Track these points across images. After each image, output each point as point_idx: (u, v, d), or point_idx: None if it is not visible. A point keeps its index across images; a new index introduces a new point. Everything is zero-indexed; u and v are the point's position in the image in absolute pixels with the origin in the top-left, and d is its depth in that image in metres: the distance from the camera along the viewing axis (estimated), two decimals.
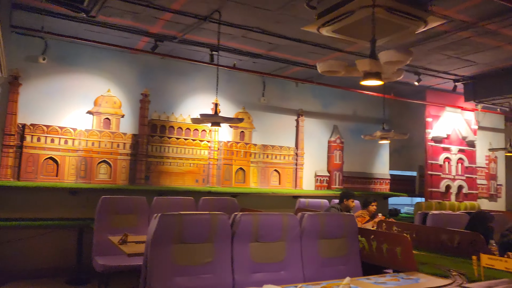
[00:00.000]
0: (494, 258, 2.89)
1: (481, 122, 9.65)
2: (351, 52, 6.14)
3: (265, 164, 7.53)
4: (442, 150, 8.52)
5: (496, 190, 10.10)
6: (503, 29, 5.27)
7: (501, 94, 7.46)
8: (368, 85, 3.20)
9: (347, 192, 5.94)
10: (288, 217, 3.33)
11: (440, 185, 8.40)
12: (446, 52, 6.19)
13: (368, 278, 2.90)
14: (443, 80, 7.70)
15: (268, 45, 6.08)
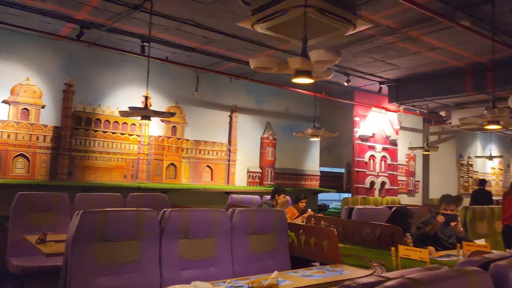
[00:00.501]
0: (410, 249, 3.09)
1: (403, 123, 10.31)
2: (284, 50, 6.24)
3: (198, 159, 7.44)
4: (368, 148, 8.98)
5: (414, 186, 10.86)
6: (423, 36, 5.64)
7: (420, 97, 8.02)
8: (299, 82, 3.26)
9: (279, 188, 6.04)
10: (218, 213, 3.30)
11: (366, 181, 8.86)
12: (372, 55, 6.52)
13: (295, 271, 2.96)
14: (370, 82, 8.11)
15: (202, 39, 5.99)
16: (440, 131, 11.84)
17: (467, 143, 12.58)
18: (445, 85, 7.48)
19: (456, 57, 6.49)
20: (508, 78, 6.50)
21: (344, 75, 7.42)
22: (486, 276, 1.39)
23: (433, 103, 8.65)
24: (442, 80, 7.49)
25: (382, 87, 8.16)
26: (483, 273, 1.40)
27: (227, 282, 2.58)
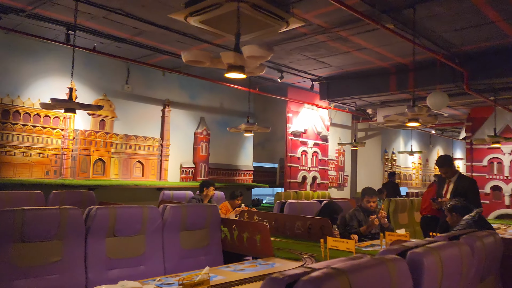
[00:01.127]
0: (338, 240, 3.21)
1: (333, 119, 10.71)
2: (219, 45, 6.20)
3: (128, 155, 7.17)
4: (300, 143, 9.21)
5: (343, 180, 11.35)
6: (352, 37, 5.88)
7: (349, 95, 8.37)
8: (232, 77, 3.25)
9: (206, 181, 5.96)
10: (149, 209, 3.21)
11: (298, 176, 9.09)
12: (305, 53, 6.68)
13: (228, 266, 2.96)
14: (302, 79, 8.31)
15: (132, 29, 5.76)
16: (367, 128, 12.47)
17: (391, 139, 13.39)
18: (372, 84, 7.88)
19: (381, 57, 6.86)
20: (427, 79, 6.99)
21: (277, 71, 7.54)
22: (403, 263, 1.47)
23: (361, 101, 9.07)
24: (369, 79, 7.88)
25: (314, 85, 8.40)
26: (401, 260, 1.48)
27: (157, 280, 2.51)
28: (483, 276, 2.15)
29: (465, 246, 1.94)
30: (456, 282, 1.79)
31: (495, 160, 9.10)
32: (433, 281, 1.60)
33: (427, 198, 5.75)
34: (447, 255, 1.74)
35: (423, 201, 6.29)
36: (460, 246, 1.89)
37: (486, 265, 2.14)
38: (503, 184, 8.88)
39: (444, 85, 6.97)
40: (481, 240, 2.11)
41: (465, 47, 6.22)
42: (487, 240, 2.20)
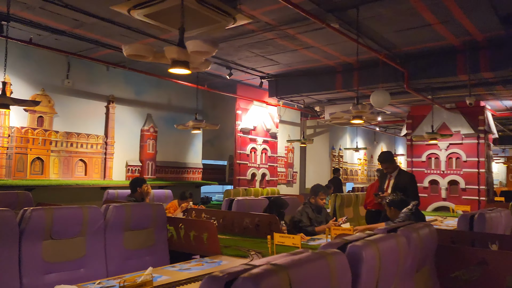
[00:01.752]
0: (284, 236, 3.24)
1: (282, 117, 10.84)
2: (165, 40, 6.05)
3: (69, 153, 6.84)
4: (249, 141, 9.24)
5: (292, 177, 11.53)
6: (299, 35, 5.96)
7: (297, 92, 8.51)
8: (176, 73, 3.18)
9: (138, 179, 5.65)
10: (89, 210, 3.07)
11: (247, 173, 9.12)
12: (253, 50, 6.69)
13: (173, 265, 2.91)
14: (251, 76, 8.33)
15: (73, 21, 5.48)
16: (316, 125, 12.75)
17: (338, 136, 13.77)
18: (319, 82, 8.05)
19: (328, 56, 7.02)
20: (371, 78, 7.25)
21: (226, 68, 7.50)
22: (343, 256, 1.50)
23: (309, 98, 9.24)
24: (316, 77, 8.04)
25: (263, 82, 8.45)
26: (340, 254, 1.51)
27: (97, 283, 2.41)
28: (419, 266, 2.24)
29: (402, 237, 2.01)
30: (393, 272, 1.85)
31: (432, 156, 9.62)
32: (372, 272, 1.64)
33: (371, 192, 5.96)
34: (385, 247, 1.79)
35: (367, 195, 6.51)
36: (397, 238, 1.95)
37: (422, 256, 2.23)
38: (440, 178, 9.42)
39: (386, 84, 7.26)
40: (417, 232, 2.20)
41: (406, 47, 6.51)
42: (423, 232, 2.30)
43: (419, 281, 2.26)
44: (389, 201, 4.27)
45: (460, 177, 9.16)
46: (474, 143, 9.09)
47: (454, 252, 2.57)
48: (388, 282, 1.82)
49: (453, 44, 6.28)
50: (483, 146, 9.01)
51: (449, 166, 9.37)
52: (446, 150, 9.41)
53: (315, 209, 4.75)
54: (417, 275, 2.24)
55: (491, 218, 3.53)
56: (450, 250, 2.63)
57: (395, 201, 4.24)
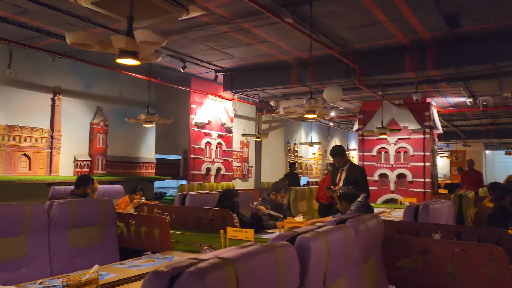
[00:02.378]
0: (237, 230, 3.23)
1: (238, 111, 10.82)
2: (116, 30, 5.84)
3: (11, 147, 6.45)
4: (204, 135, 9.14)
5: (247, 171, 11.56)
6: (254, 29, 5.95)
7: (252, 86, 8.50)
8: (124, 63, 3.07)
9: (86, 177, 5.44)
10: (32, 206, 2.92)
11: (202, 167, 9.03)
12: (208, 43, 6.61)
13: (122, 262, 2.83)
14: (206, 70, 8.23)
15: (14, 7, 5.15)
16: (271, 120, 12.84)
17: (294, 131, 13.95)
18: (274, 76, 8.09)
19: (283, 51, 7.06)
20: (324, 74, 7.38)
21: (180, 61, 7.37)
22: (291, 248, 1.50)
23: (264, 93, 9.27)
24: (271, 72, 8.08)
25: (217, 76, 8.38)
26: (289, 246, 1.51)
27: (39, 282, 2.29)
28: (367, 256, 2.31)
29: (351, 229, 2.06)
30: (341, 263, 1.89)
31: (382, 150, 9.97)
32: (320, 263, 1.66)
33: (323, 186, 6.08)
34: (333, 238, 1.82)
35: (319, 189, 6.65)
36: (346, 229, 1.99)
37: (369, 246, 2.30)
38: (389, 171, 9.78)
39: (339, 79, 7.42)
40: (365, 223, 2.26)
41: (358, 44, 6.67)
42: (371, 223, 2.37)
43: (367, 271, 2.33)
44: (339, 195, 4.36)
45: (407, 171, 9.57)
46: (420, 138, 9.51)
47: (400, 242, 2.67)
48: (336, 272, 1.86)
49: (402, 42, 6.50)
50: (428, 141, 9.45)
51: (397, 160, 9.76)
52: (395, 145, 9.79)
53: (273, 206, 4.77)
54: (365, 264, 2.30)
55: (435, 209, 3.70)
56: (396, 240, 2.72)
57: (346, 194, 4.34)
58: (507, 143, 20.10)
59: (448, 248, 2.49)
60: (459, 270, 2.44)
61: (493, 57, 6.23)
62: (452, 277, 2.46)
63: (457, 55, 6.40)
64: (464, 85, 7.89)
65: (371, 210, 4.32)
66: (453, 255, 2.47)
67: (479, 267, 2.39)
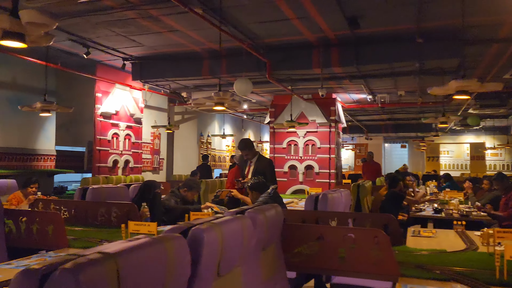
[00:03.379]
0: (140, 224, 3.13)
1: (149, 102, 10.47)
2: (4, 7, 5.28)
3: None
4: (111, 126, 8.71)
5: (159, 164, 11.27)
6: (163, 17, 5.77)
7: (163, 77, 8.27)
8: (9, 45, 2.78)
9: None
10: None
11: (108, 160, 8.60)
12: (113, 28, 6.27)
13: (9, 263, 2.62)
14: (113, 57, 7.83)
15: None
16: (184, 111, 12.64)
17: (207, 123, 13.89)
18: (185, 67, 7.95)
19: (194, 42, 6.95)
20: (236, 66, 7.44)
21: (83, 46, 6.90)
22: (182, 240, 1.49)
23: (175, 83, 9.08)
24: (182, 62, 7.93)
25: (125, 64, 8.01)
26: (180, 238, 1.49)
27: None
28: (265, 244, 2.38)
29: (248, 219, 2.10)
30: (237, 252, 1.92)
31: (292, 143, 10.36)
32: (213, 254, 1.67)
33: (231, 178, 6.15)
34: (229, 229, 1.84)
35: (227, 181, 6.72)
36: (242, 220, 2.03)
37: (268, 235, 2.37)
38: (298, 163, 10.20)
39: (250, 72, 7.53)
40: (263, 213, 2.32)
41: (268, 39, 6.81)
42: (269, 213, 2.44)
43: (266, 258, 2.40)
44: (250, 185, 4.44)
45: (315, 162, 10.06)
46: (326, 131, 10.04)
47: (298, 230, 2.79)
48: (232, 261, 1.88)
49: (309, 40, 6.78)
50: (334, 134, 10.02)
51: (306, 152, 10.21)
52: (304, 138, 10.22)
53: (181, 201, 4.70)
54: (264, 253, 2.37)
55: (333, 198, 3.93)
56: (294, 228, 2.84)
57: (256, 185, 4.42)
58: (403, 137, 22.12)
59: (340, 234, 2.66)
60: (349, 253, 2.63)
61: (389, 58, 6.77)
62: (343, 260, 2.64)
63: (358, 54, 6.85)
64: (364, 82, 8.48)
65: (281, 201, 4.46)
66: (344, 240, 2.65)
67: (366, 249, 2.59)
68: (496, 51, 6.85)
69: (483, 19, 5.62)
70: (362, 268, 2.59)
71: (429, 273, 2.52)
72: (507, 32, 6.02)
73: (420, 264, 2.71)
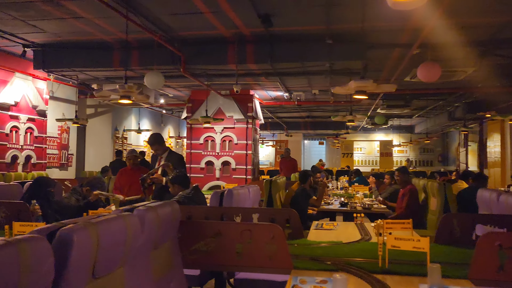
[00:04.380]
0: (25, 225, 2.88)
1: (56, 93, 9.75)
2: None
3: None
4: (9, 118, 7.96)
5: (67, 160, 10.56)
6: (65, 2, 5.37)
7: (70, 67, 7.72)
8: None
9: None
10: None
11: (6, 155, 7.85)
12: (9, 11, 5.72)
13: None
14: (11, 43, 7.15)
15: None
16: (97, 104, 11.98)
17: (123, 117, 13.31)
18: (95, 57, 7.50)
19: (103, 31, 6.58)
20: (149, 59, 7.17)
21: None
22: (43, 242, 1.37)
23: (84, 74, 8.55)
24: (91, 52, 7.47)
25: (26, 51, 7.35)
26: (40, 239, 1.37)
27: None
28: (157, 243, 2.29)
29: (134, 218, 2.00)
30: (119, 252, 1.81)
31: (209, 138, 10.30)
32: (84, 255, 1.55)
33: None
34: (108, 228, 1.74)
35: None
36: (127, 218, 1.92)
37: (160, 234, 2.28)
38: (215, 159, 10.17)
39: (165, 66, 7.32)
40: (154, 211, 2.23)
41: (182, 32, 6.65)
42: (162, 210, 2.36)
43: (159, 257, 2.31)
44: (172, 178, 4.34)
45: (231, 158, 10.09)
46: (244, 128, 10.12)
47: (196, 227, 2.74)
48: (111, 263, 1.78)
49: (224, 35, 6.74)
50: (251, 130, 10.13)
51: (223, 148, 10.20)
52: (221, 134, 10.21)
53: (83, 199, 4.42)
54: (156, 252, 2.29)
55: (239, 194, 3.94)
56: (191, 225, 2.79)
57: (178, 177, 4.33)
58: (321, 134, 23.12)
59: (238, 230, 2.66)
60: (246, 248, 2.64)
61: (301, 57, 6.97)
62: (240, 256, 2.64)
63: (272, 52, 6.96)
64: (280, 80, 8.68)
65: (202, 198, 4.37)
66: (242, 236, 2.65)
67: (263, 244, 2.62)
68: (398, 55, 7.36)
69: (385, 25, 6.00)
70: (257, 262, 2.61)
71: (321, 265, 2.61)
72: (407, 38, 6.49)
73: (315, 256, 2.80)
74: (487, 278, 2.38)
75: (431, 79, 4.91)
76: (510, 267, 2.37)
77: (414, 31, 6.02)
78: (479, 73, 8.13)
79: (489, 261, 2.39)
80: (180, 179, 4.34)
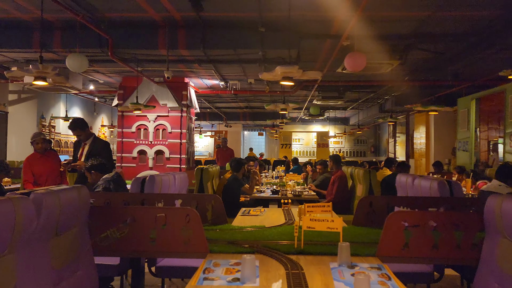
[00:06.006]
0: None
1: None
2: None
3: None
4: None
5: None
6: None
7: None
8: None
9: None
10: None
11: None
12: None
13: None
14: None
15: None
16: (21, 90, 11.16)
17: (50, 104, 12.54)
18: (11, 37, 6.92)
19: (19, 8, 6.07)
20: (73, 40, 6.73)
21: None
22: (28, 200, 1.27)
23: (2, 56, 7.89)
24: (7, 32, 6.88)
25: None
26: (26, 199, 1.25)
27: None
28: (60, 229, 2.14)
29: (28, 201, 1.84)
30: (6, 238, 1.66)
31: (142, 127, 9.97)
32: None
33: None
34: None
35: None
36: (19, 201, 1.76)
37: (62, 219, 2.14)
38: (148, 148, 9.87)
39: (91, 49, 6.94)
40: (56, 195, 2.08)
41: (109, 13, 6.32)
42: (68, 195, 2.21)
43: (62, 245, 2.17)
44: (89, 166, 4.29)
45: (165, 147, 9.85)
46: (178, 116, 9.90)
47: (108, 213, 2.61)
48: None
49: (154, 18, 6.49)
50: (185, 119, 9.94)
51: (156, 137, 9.92)
52: (154, 122, 9.92)
53: None
54: (58, 238, 2.14)
55: (162, 181, 3.82)
56: (103, 210, 2.65)
57: (96, 165, 4.29)
58: (260, 125, 23.29)
59: (152, 215, 2.57)
60: (160, 234, 2.55)
61: (234, 44, 6.89)
62: (153, 242, 2.55)
63: (205, 38, 6.82)
64: (214, 68, 8.56)
65: (124, 186, 4.22)
66: (156, 221, 2.56)
67: (178, 229, 2.55)
68: (330, 46, 7.53)
69: (314, 14, 6.08)
70: (172, 247, 2.54)
71: (238, 248, 2.60)
72: (336, 29, 6.65)
73: (233, 240, 2.78)
74: (393, 255, 2.49)
75: (357, 69, 5.07)
76: (414, 244, 2.50)
77: (342, 22, 6.17)
78: (405, 67, 8.56)
79: (395, 239, 2.50)
80: (98, 166, 4.27)
